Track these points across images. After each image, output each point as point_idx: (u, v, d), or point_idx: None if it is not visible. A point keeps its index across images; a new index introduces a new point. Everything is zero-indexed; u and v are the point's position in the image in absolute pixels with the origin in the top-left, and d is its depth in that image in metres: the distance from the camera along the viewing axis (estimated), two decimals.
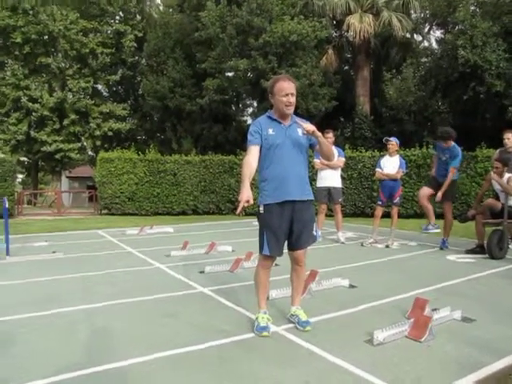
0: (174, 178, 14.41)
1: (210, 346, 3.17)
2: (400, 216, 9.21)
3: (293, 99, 3.38)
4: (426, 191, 7.34)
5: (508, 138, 7.19)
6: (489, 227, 6.68)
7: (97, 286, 4.92)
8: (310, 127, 3.33)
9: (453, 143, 7.04)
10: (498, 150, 7.68)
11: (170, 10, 22.28)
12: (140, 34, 22.24)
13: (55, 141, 20.91)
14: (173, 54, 19.35)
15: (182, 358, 2.97)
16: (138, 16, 23.64)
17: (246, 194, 3.14)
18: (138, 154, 14.78)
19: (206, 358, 2.98)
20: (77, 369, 2.77)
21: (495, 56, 13.86)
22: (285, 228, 3.38)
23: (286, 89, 3.34)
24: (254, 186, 3.43)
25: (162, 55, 19.62)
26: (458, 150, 7.07)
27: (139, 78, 22.96)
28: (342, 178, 9.02)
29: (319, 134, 3.40)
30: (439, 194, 6.95)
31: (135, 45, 22.08)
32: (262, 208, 3.40)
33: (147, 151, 15.04)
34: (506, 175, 6.53)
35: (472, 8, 16.27)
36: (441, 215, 7.45)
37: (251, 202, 3.14)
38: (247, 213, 2.91)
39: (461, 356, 3.00)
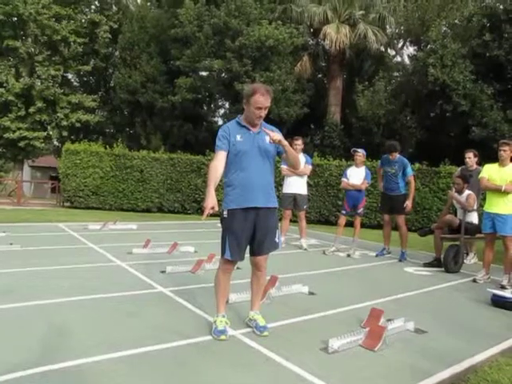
0: (140, 174, 14.22)
1: (166, 347, 3.15)
2: (363, 226, 9.39)
3: (264, 113, 3.42)
4: (386, 218, 7.67)
5: (469, 158, 7.47)
6: (446, 241, 6.90)
7: (54, 281, 4.80)
8: (277, 136, 3.36)
9: (397, 155, 7.34)
10: (459, 168, 7.97)
11: (148, 3, 22.01)
12: (115, 26, 21.84)
13: (19, 128, 20.26)
14: (147, 49, 19.12)
15: (138, 359, 2.94)
16: (114, 7, 23.25)
17: (210, 201, 3.19)
18: (106, 148, 14.52)
19: (162, 359, 2.97)
20: (30, 367, 2.71)
21: (462, 77, 14.30)
22: (247, 233, 3.40)
23: (261, 103, 3.36)
24: (221, 187, 3.44)
25: (137, 49, 19.34)
26: (405, 159, 7.43)
27: (111, 70, 22.57)
28: (309, 184, 9.13)
29: (286, 143, 3.44)
30: (408, 204, 7.24)
31: (109, 36, 21.67)
32: (225, 212, 3.41)
33: (115, 145, 14.79)
34: (466, 192, 6.77)
35: (444, 29, 16.76)
36: (394, 228, 7.65)
37: (216, 208, 3.19)
38: (212, 214, 2.93)
39: (412, 365, 3.09)
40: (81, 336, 3.27)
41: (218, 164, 3.38)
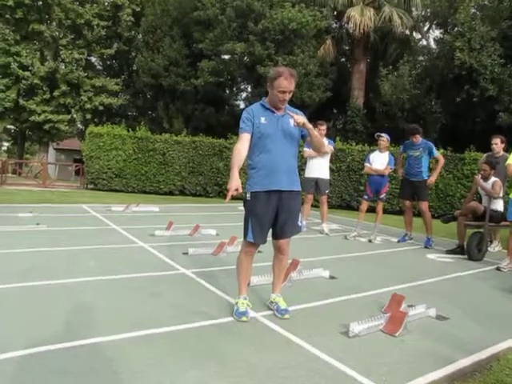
0: (162, 157, 14.33)
1: (188, 327, 3.20)
2: (385, 212, 9.33)
3: (288, 96, 3.39)
4: (407, 204, 7.57)
5: (496, 144, 7.30)
6: (470, 229, 6.80)
7: (79, 260, 4.91)
8: (301, 119, 3.34)
9: (421, 138, 7.28)
10: (485, 155, 7.81)
11: None
12: (138, 9, 21.90)
13: (44, 111, 20.62)
14: (170, 32, 19.12)
15: (161, 337, 3.00)
16: None
17: (234, 183, 3.16)
18: (128, 131, 14.64)
19: (184, 338, 3.02)
20: (56, 342, 2.79)
21: (490, 61, 13.94)
22: (270, 216, 3.41)
23: (284, 87, 3.33)
24: (243, 170, 3.45)
25: (159, 32, 19.37)
26: (429, 142, 7.41)
27: (134, 54, 22.65)
28: (331, 169, 9.06)
29: (310, 126, 3.42)
30: (432, 179, 7.22)
31: (132, 19, 21.75)
32: (248, 195, 3.42)
33: (137, 128, 14.91)
34: (492, 179, 6.64)
35: (472, 11, 16.30)
36: (417, 214, 7.58)
37: (240, 190, 3.17)
38: (234, 197, 2.94)
39: (433, 352, 3.08)
40: (105, 314, 3.35)
41: (241, 147, 3.37)
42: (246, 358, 2.78)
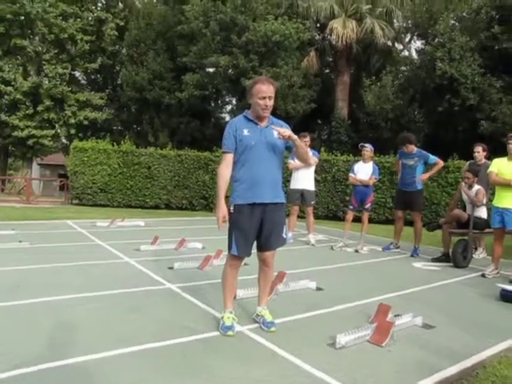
0: (148, 171, 14.26)
1: (173, 343, 3.16)
2: (371, 221, 9.38)
3: (270, 103, 3.38)
4: (399, 214, 7.63)
5: (478, 152, 7.40)
6: (455, 236, 6.86)
7: (62, 278, 4.84)
8: (287, 132, 3.34)
9: (415, 148, 7.33)
10: (468, 163, 7.91)
11: (154, 0, 22.04)
12: (121, 23, 21.93)
13: (28, 126, 20.44)
14: (154, 46, 19.17)
15: (145, 354, 2.96)
16: (120, 4, 23.31)
17: (221, 213, 3.29)
18: (113, 145, 14.57)
19: (169, 354, 2.98)
20: (37, 363, 2.73)
21: (470, 70, 14.19)
22: (254, 229, 3.40)
23: (263, 92, 3.33)
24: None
25: (143, 46, 19.41)
26: (424, 151, 7.46)
27: (118, 68, 22.65)
28: (316, 180, 9.10)
29: (295, 137, 3.42)
30: (423, 176, 7.29)
31: (116, 33, 21.76)
32: (232, 208, 3.41)
33: (122, 142, 14.84)
34: (476, 187, 6.71)
35: (452, 22, 16.63)
36: (409, 223, 7.61)
37: (226, 218, 3.30)
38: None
39: (419, 360, 3.08)
40: (88, 332, 3.29)
41: (225, 170, 3.40)
42: (230, 373, 2.75)
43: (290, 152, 3.67)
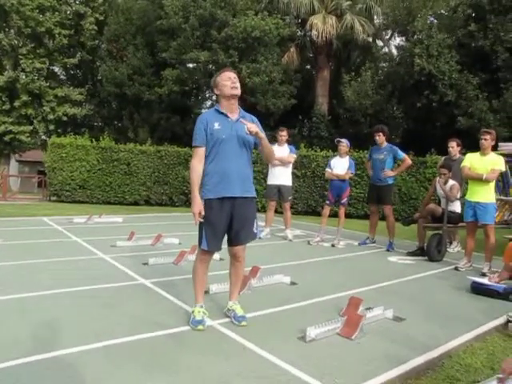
0: (127, 167, 14.13)
1: (144, 337, 3.16)
2: (349, 216, 9.45)
3: (237, 83, 3.43)
4: (373, 209, 7.81)
5: (452, 147, 7.51)
6: (430, 231, 6.96)
7: (36, 274, 4.77)
8: (254, 128, 3.34)
9: (386, 143, 7.52)
10: (443, 158, 8.02)
11: None
12: (101, 18, 21.58)
13: (4, 122, 20.05)
14: (134, 41, 18.95)
15: (116, 349, 2.95)
16: None
17: (197, 208, 3.29)
18: (92, 141, 14.40)
19: (140, 349, 2.97)
20: (7, 359, 2.70)
21: (448, 67, 14.38)
22: (224, 224, 3.39)
23: (228, 74, 3.44)
24: None
25: (123, 41, 19.18)
26: (394, 146, 7.63)
27: (98, 63, 22.33)
28: (296, 176, 9.14)
29: (262, 135, 3.42)
30: (389, 172, 7.38)
31: (95, 28, 21.42)
32: (202, 202, 3.39)
33: (101, 138, 14.67)
34: (450, 182, 6.81)
35: (430, 19, 16.80)
36: (382, 218, 7.71)
37: (203, 213, 3.29)
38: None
39: (388, 352, 3.12)
40: (60, 328, 3.26)
41: (197, 165, 3.39)
42: (199, 367, 2.75)
43: (257, 149, 3.62)
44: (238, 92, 3.44)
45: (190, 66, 17.69)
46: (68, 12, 21.51)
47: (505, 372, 2.44)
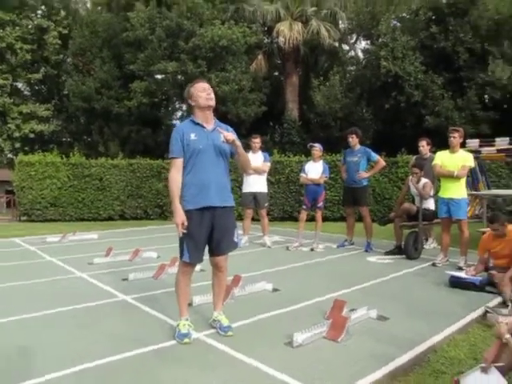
0: (99, 182, 13.91)
1: (128, 356, 3.09)
2: (325, 219, 9.51)
3: (212, 95, 3.44)
4: (349, 211, 7.90)
5: (422, 146, 7.67)
6: (406, 229, 7.07)
7: (10, 298, 4.62)
8: (231, 136, 3.35)
9: (359, 145, 7.61)
10: (414, 157, 8.17)
11: (98, 8, 21.54)
12: (65, 31, 21.22)
13: None
14: (100, 54, 18.71)
15: (99, 371, 2.87)
16: (62, 12, 22.57)
17: (179, 218, 3.25)
18: (62, 158, 14.12)
19: (124, 368, 2.91)
20: None
21: (413, 68, 14.70)
22: (204, 235, 3.37)
23: (202, 85, 3.44)
24: None
25: (89, 54, 18.92)
26: (367, 148, 7.71)
27: (64, 78, 21.94)
28: (270, 182, 9.17)
29: (238, 143, 3.43)
30: (363, 174, 7.44)
31: (59, 42, 21.05)
32: None
33: (71, 154, 14.41)
34: (423, 180, 6.94)
35: (393, 22, 17.16)
36: (361, 219, 7.79)
37: (186, 223, 3.24)
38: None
39: (375, 352, 3.15)
40: (39, 353, 3.16)
41: (176, 175, 3.37)
42: (185, 380, 2.72)
43: (233, 158, 3.60)
44: (213, 103, 3.45)
45: (159, 77, 17.58)
46: (29, 26, 21.05)
47: (487, 361, 2.52)
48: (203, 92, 3.39)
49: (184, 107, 20.22)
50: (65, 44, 20.72)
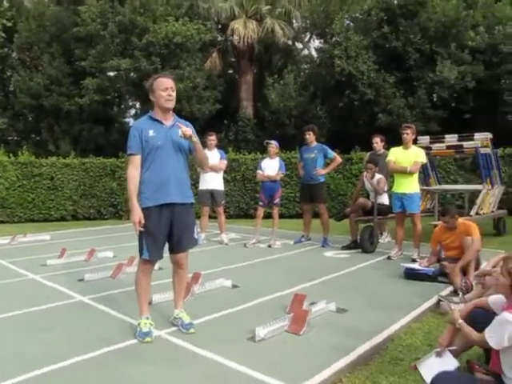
0: (51, 182, 13.42)
1: (89, 357, 3.02)
2: (282, 216, 9.60)
3: (173, 94, 3.39)
4: (306, 207, 7.97)
5: (376, 142, 7.88)
6: (361, 224, 7.24)
7: None
8: (188, 131, 3.32)
9: (315, 142, 7.71)
10: (368, 153, 8.38)
11: (45, 0, 20.74)
12: (9, 24, 20.28)
13: None
14: (49, 49, 18.04)
15: (59, 374, 2.79)
16: (5, 3, 21.57)
17: (136, 216, 3.20)
18: (9, 157, 13.54)
19: (85, 370, 2.85)
20: None
21: (366, 67, 15.04)
22: (164, 232, 3.34)
23: (165, 83, 3.36)
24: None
25: (36, 49, 18.20)
26: (323, 145, 7.85)
27: (9, 73, 21.02)
28: (226, 180, 9.14)
29: (196, 139, 3.42)
30: (320, 170, 7.52)
31: (3, 35, 20.13)
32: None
33: (20, 153, 13.84)
34: (377, 176, 7.12)
35: (346, 22, 17.49)
36: (318, 215, 7.91)
37: (143, 221, 3.20)
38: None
39: (336, 344, 3.21)
40: None
41: (134, 172, 3.32)
42: (154, 379, 2.69)
43: (191, 154, 3.57)
44: (173, 105, 3.42)
45: (111, 74, 17.15)
46: None
47: (441, 345, 2.66)
48: (165, 92, 3.34)
49: (138, 105, 19.83)
50: (9, 37, 19.82)
